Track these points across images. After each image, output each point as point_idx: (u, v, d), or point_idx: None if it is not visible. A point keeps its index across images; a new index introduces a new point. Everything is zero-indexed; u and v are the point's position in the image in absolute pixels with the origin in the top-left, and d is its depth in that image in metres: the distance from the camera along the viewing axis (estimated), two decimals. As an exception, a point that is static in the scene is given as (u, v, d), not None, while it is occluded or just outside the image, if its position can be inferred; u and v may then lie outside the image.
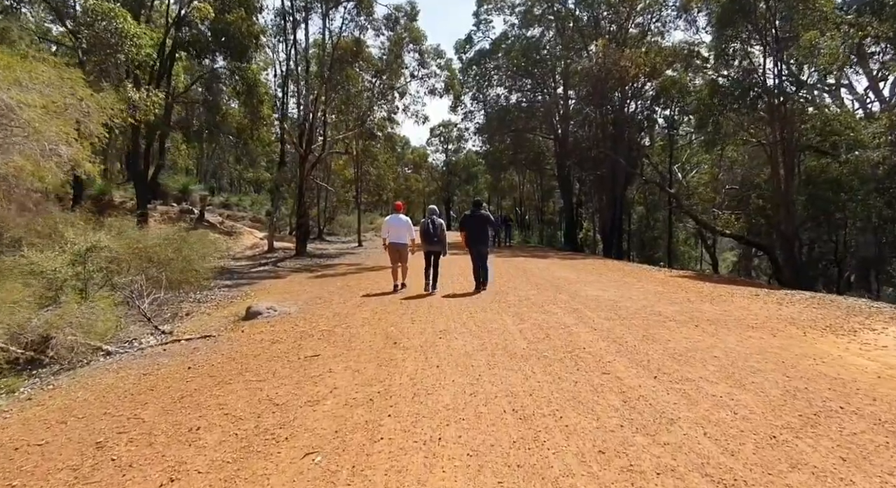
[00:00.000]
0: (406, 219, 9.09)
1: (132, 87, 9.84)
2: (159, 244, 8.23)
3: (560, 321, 5.84)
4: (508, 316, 6.26)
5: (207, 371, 4.38)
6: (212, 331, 6.62)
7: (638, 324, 5.59)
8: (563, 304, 6.97)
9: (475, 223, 8.46)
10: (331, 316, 6.90)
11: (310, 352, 4.88)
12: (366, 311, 7.10)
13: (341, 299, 8.41)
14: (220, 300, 9.83)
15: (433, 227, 8.53)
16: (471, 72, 29.63)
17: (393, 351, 4.82)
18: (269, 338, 5.67)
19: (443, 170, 65.10)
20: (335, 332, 5.77)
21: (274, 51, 18.81)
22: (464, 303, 7.39)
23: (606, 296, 7.67)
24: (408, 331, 5.64)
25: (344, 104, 17.48)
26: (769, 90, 12.03)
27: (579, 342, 4.83)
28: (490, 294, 8.15)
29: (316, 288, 10.25)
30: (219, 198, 40.86)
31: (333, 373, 4.17)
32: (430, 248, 8.57)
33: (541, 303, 7.16)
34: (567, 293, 8.04)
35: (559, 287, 8.78)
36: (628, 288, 8.61)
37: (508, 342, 4.92)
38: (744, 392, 3.39)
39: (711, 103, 12.90)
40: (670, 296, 7.65)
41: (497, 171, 33.23)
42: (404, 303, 7.65)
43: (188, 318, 8.07)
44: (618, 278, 10.14)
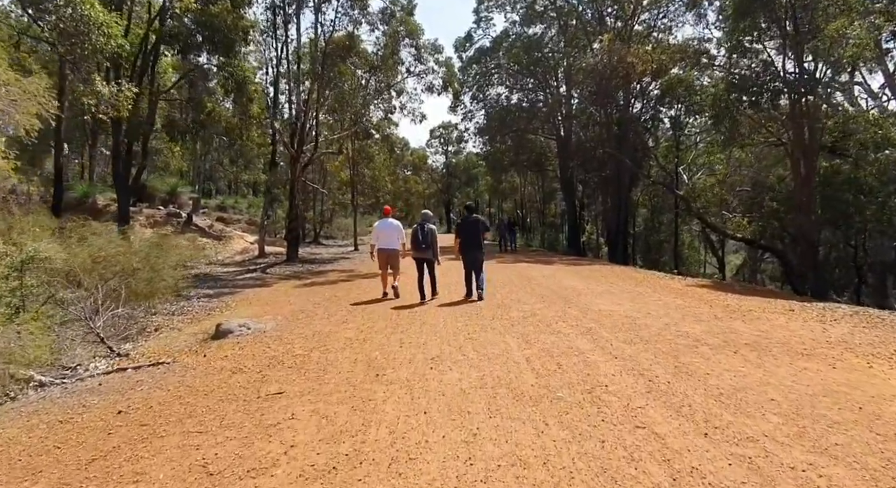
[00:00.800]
0: (396, 224, 8.68)
1: (101, 80, 9.03)
2: (123, 253, 7.38)
3: (573, 345, 5.00)
4: (512, 337, 5.41)
5: (141, 416, 3.54)
6: (173, 353, 5.79)
7: (665, 349, 4.75)
8: (575, 322, 6.13)
9: (468, 229, 8.08)
10: (310, 335, 6.06)
11: (273, 388, 4.04)
12: (350, 329, 6.27)
13: (326, 313, 7.58)
14: (198, 312, 9.01)
15: (422, 234, 8.03)
16: (471, 71, 28.86)
17: (373, 386, 3.99)
18: (232, 365, 4.83)
19: (443, 172, 64.32)
20: (310, 358, 4.94)
21: (266, 48, 18.01)
22: (461, 319, 6.56)
23: (622, 311, 6.83)
24: (394, 358, 4.80)
25: (338, 103, 16.68)
26: (791, 84, 11.19)
27: (599, 376, 3.98)
28: (491, 307, 7.32)
29: (301, 298, 9.42)
30: (214, 201, 40.15)
31: (296, 421, 3.33)
32: (419, 256, 8.12)
33: (549, 320, 6.31)
34: (577, 307, 7.19)
35: (568, 299, 7.94)
36: (644, 300, 7.76)
37: (513, 375, 4.08)
38: (830, 460, 2.55)
39: (728, 99, 12.07)
40: (694, 310, 6.80)
41: (498, 173, 32.44)
42: (395, 318, 6.82)
43: (155, 335, 7.24)
44: (630, 288, 9.30)
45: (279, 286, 11.64)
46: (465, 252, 8.08)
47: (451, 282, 9.60)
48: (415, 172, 63.72)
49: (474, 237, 8.02)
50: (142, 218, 17.58)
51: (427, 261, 8.12)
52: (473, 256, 8.03)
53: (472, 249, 8.02)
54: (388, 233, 8.58)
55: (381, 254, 8.58)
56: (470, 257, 8.05)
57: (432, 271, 8.24)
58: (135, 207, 18.02)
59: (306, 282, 12.17)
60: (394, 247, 8.58)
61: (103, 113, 10.01)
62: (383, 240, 8.56)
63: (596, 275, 11.89)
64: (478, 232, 8.07)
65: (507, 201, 55.43)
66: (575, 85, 23.16)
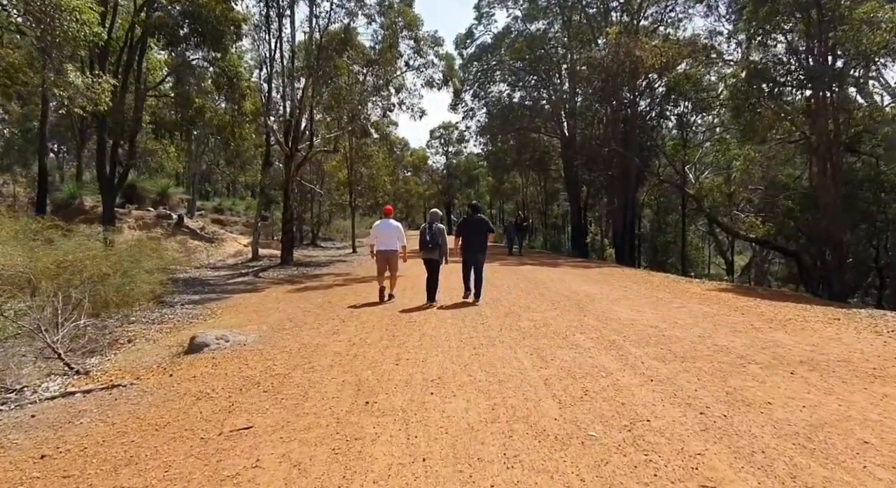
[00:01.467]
0: (396, 224, 8.35)
1: (75, 70, 8.35)
2: (91, 257, 6.68)
3: (597, 363, 4.28)
4: (525, 353, 4.70)
5: (67, 463, 2.83)
6: (138, 370, 5.09)
7: (707, 368, 4.03)
8: (594, 333, 5.41)
9: (472, 229, 7.74)
10: (295, 349, 5.36)
11: (241, 421, 3.33)
12: (341, 342, 5.56)
13: (316, 322, 6.87)
14: (179, 320, 8.31)
15: (430, 233, 7.75)
16: (472, 68, 28.21)
17: (362, 418, 3.28)
18: (199, 388, 4.12)
19: (443, 173, 63.65)
20: (291, 379, 4.23)
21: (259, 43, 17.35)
22: (465, 329, 5.84)
23: (645, 320, 6.11)
24: (389, 378, 4.09)
25: (334, 99, 16.00)
26: (816, 75, 10.47)
27: (637, 406, 3.27)
28: (498, 315, 6.60)
29: (292, 305, 8.72)
30: (211, 203, 39.49)
31: (260, 471, 2.62)
32: (426, 256, 7.84)
33: (564, 330, 5.60)
34: (594, 315, 6.47)
35: (582, 306, 7.22)
36: (666, 307, 7.05)
37: (531, 404, 3.37)
38: None
39: (748, 90, 11.32)
40: (725, 319, 6.08)
41: (500, 173, 31.73)
42: (392, 328, 6.11)
43: (126, 348, 6.53)
44: (647, 293, 8.58)
45: (270, 291, 10.94)
46: (466, 253, 7.77)
47: (453, 287, 8.89)
48: (415, 173, 63.12)
49: (478, 238, 7.68)
50: (130, 220, 16.89)
51: (434, 261, 7.80)
52: (474, 257, 7.71)
53: (474, 251, 7.69)
54: (388, 233, 8.23)
55: (379, 255, 8.24)
56: (471, 258, 7.75)
57: (437, 273, 7.88)
58: (123, 209, 17.35)
59: (299, 286, 11.47)
60: (393, 248, 8.22)
61: (80, 107, 9.32)
62: (382, 241, 8.20)
63: (607, 278, 11.17)
64: (482, 232, 7.73)
65: (509, 202, 54.78)
66: (579, 81, 22.47)
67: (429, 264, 7.85)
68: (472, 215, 7.92)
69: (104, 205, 13.51)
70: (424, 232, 7.77)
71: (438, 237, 7.74)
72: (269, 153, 17.41)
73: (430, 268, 7.85)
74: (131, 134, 14.07)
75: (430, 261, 7.81)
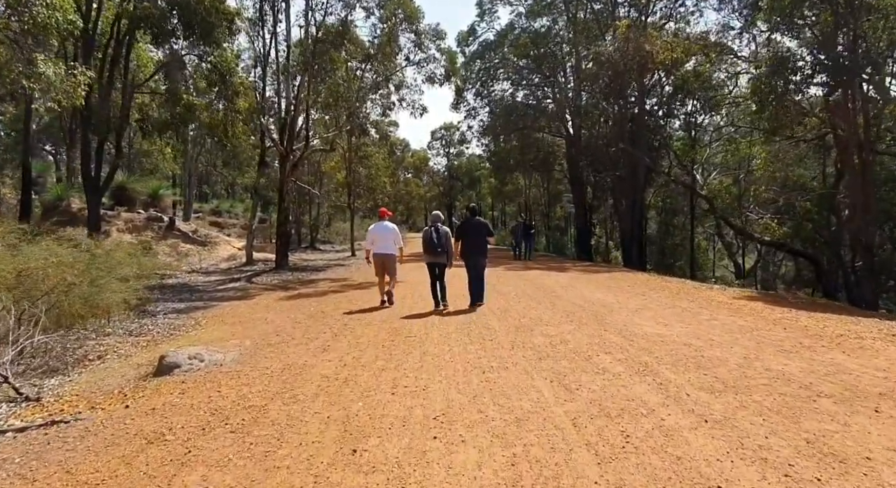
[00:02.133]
0: (392, 227, 8.11)
1: (45, 59, 7.68)
2: (53, 265, 6.00)
3: (633, 394, 3.58)
4: (544, 379, 4.00)
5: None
6: (96, 398, 4.41)
7: (769, 404, 3.33)
8: (621, 353, 4.71)
9: (471, 232, 7.53)
10: (277, 371, 4.67)
11: (193, 480, 2.63)
12: (331, 362, 4.87)
13: (305, 336, 6.19)
14: (160, 332, 7.65)
15: (437, 236, 7.47)
16: (474, 66, 27.55)
17: (346, 476, 2.58)
18: (155, 426, 3.42)
19: (444, 174, 63.01)
20: (266, 414, 3.53)
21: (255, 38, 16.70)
22: (472, 346, 5.14)
23: (674, 335, 5.40)
24: (382, 414, 3.39)
25: (331, 97, 15.34)
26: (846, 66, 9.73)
27: (698, 463, 2.56)
28: (508, 329, 5.90)
29: (282, 315, 8.04)
30: (209, 205, 38.86)
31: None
32: (433, 260, 7.55)
33: (585, 349, 4.90)
34: (616, 329, 5.77)
35: (600, 317, 6.51)
36: (694, 319, 6.34)
37: (561, 457, 2.67)
38: None
39: (772, 84, 10.57)
40: (767, 335, 5.37)
41: (503, 174, 31.01)
42: (389, 345, 5.41)
43: (92, 366, 5.85)
44: (668, 302, 7.87)
45: (261, 298, 10.26)
46: (467, 257, 7.52)
47: (457, 294, 8.19)
48: (416, 175, 62.50)
49: (478, 241, 7.50)
50: (119, 222, 16.24)
51: (441, 265, 7.53)
52: (476, 261, 7.49)
53: (474, 254, 7.47)
54: (385, 236, 7.98)
55: (376, 258, 8.00)
56: (472, 262, 7.50)
57: (443, 278, 7.61)
58: (112, 211, 16.70)
59: (292, 293, 10.79)
60: (390, 251, 7.97)
61: (55, 101, 8.66)
62: (379, 245, 7.97)
63: (620, 284, 10.46)
64: (482, 235, 7.57)
65: (511, 204, 54.09)
66: (586, 78, 21.76)
67: (435, 268, 7.56)
68: (470, 218, 7.72)
69: (89, 207, 12.85)
70: (431, 235, 7.44)
71: (446, 240, 7.48)
72: (265, 153, 16.75)
73: (437, 272, 7.56)
74: (118, 132, 13.40)
75: (438, 266, 7.54)
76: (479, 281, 7.61)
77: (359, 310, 8.02)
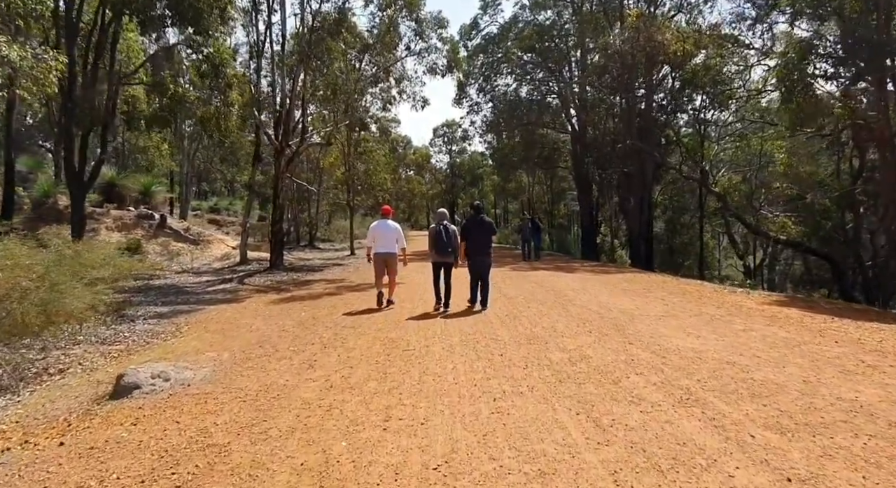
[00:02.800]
0: (395, 226, 7.83)
1: (7, 41, 7.00)
2: (11, 267, 5.32)
3: (682, 434, 2.88)
4: (568, 410, 3.31)
5: None
6: (34, 428, 3.74)
7: (858, 450, 2.63)
8: (655, 374, 4.01)
9: (476, 231, 7.26)
10: (252, 394, 3.99)
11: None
12: (315, 382, 4.20)
13: (291, 348, 5.51)
14: (135, 340, 7.00)
15: (447, 235, 7.22)
16: (477, 61, 26.82)
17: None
18: (80, 479, 2.74)
19: (447, 172, 62.28)
20: (228, 457, 2.85)
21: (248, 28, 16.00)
22: (479, 364, 4.45)
23: (711, 350, 4.70)
24: (370, 461, 2.71)
25: (329, 90, 14.65)
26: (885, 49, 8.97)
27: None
28: (520, 342, 5.21)
29: (270, 321, 7.37)
30: (208, 203, 38.21)
31: None
32: (442, 260, 7.27)
33: (611, 368, 4.20)
34: (642, 343, 5.07)
35: (622, 327, 5.82)
36: (728, 329, 5.64)
37: (606, 538, 1.98)
38: None
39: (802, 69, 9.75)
40: (818, 350, 4.67)
41: (506, 171, 30.25)
42: (384, 360, 4.73)
43: (49, 382, 5.19)
44: (693, 308, 7.16)
45: (251, 302, 9.59)
46: (471, 257, 7.25)
47: (455, 295, 7.50)
48: (418, 172, 61.81)
49: (483, 240, 7.26)
50: (108, 220, 15.58)
51: (449, 265, 7.29)
52: (480, 261, 7.22)
53: (479, 254, 7.21)
54: (387, 235, 7.72)
55: (377, 258, 7.73)
56: (476, 262, 7.23)
57: (449, 278, 7.34)
58: (101, 208, 16.05)
59: (285, 296, 10.11)
60: (392, 250, 7.73)
61: (25, 89, 7.99)
62: (381, 243, 7.71)
63: (635, 287, 9.75)
64: (486, 234, 7.33)
65: (515, 202, 53.35)
66: (592, 72, 21.01)
67: (442, 268, 7.31)
68: (474, 216, 7.46)
69: (73, 203, 12.20)
70: (441, 233, 7.19)
71: (454, 239, 7.26)
72: (260, 148, 16.08)
73: (444, 272, 7.31)
74: (104, 125, 12.73)
75: (445, 265, 7.29)
76: (484, 283, 7.30)
77: (354, 314, 7.35)
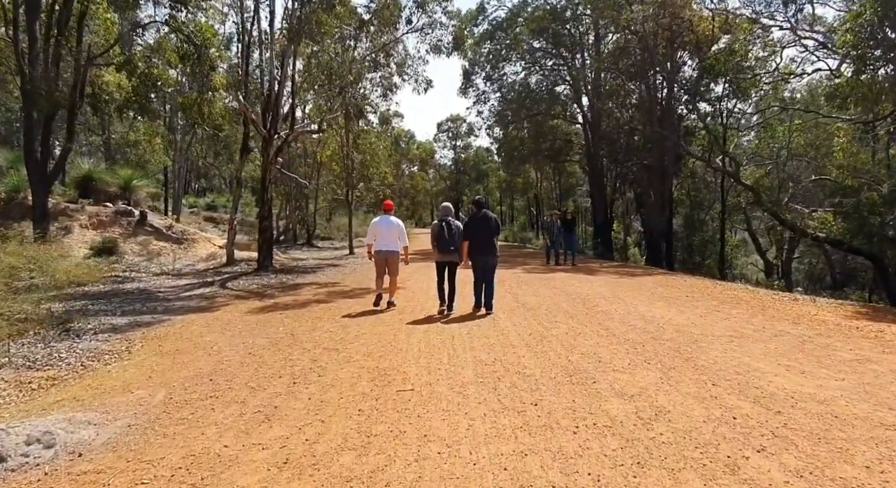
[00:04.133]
0: (397, 222, 7.39)
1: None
2: None
3: None
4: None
5: None
6: None
7: None
8: (786, 450, 2.59)
9: (479, 228, 6.67)
10: (166, 475, 2.63)
11: None
12: (266, 452, 2.83)
13: (252, 382, 4.15)
14: (73, 362, 5.71)
15: (449, 232, 6.69)
16: (483, 48, 25.35)
17: None
18: None
19: (451, 168, 60.81)
20: None
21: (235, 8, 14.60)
22: (504, 417, 3.05)
23: (842, 402, 3.28)
24: None
25: (323, 72, 13.24)
26: None
27: None
28: (558, 379, 3.81)
29: (238, 339, 6.00)
30: (205, 200, 36.93)
31: None
32: (445, 258, 6.81)
33: (711, 437, 2.78)
34: (732, 384, 3.64)
35: (690, 356, 4.39)
36: (837, 359, 4.21)
37: None
38: None
39: (884, 32, 8.20)
40: None
41: (515, 165, 28.73)
42: (370, 409, 3.33)
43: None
44: (767, 325, 5.72)
45: (227, 311, 8.22)
46: (474, 256, 6.69)
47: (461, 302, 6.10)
48: (422, 168, 60.37)
49: (486, 238, 6.67)
50: (83, 217, 14.25)
51: (453, 264, 6.81)
52: (484, 261, 6.65)
53: (482, 253, 6.63)
54: (388, 231, 7.23)
55: (378, 256, 7.26)
56: (480, 262, 6.67)
57: (454, 278, 6.84)
58: (76, 204, 14.73)
59: (267, 303, 8.74)
60: (393, 248, 7.26)
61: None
62: (382, 241, 7.21)
63: (676, 293, 8.32)
64: (490, 231, 6.70)
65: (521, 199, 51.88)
66: (609, 55, 19.49)
67: (446, 267, 6.81)
68: (476, 213, 6.81)
69: (34, 198, 10.90)
70: (442, 230, 6.65)
71: (458, 236, 6.70)
72: (248, 137, 14.70)
73: (448, 271, 6.81)
74: (70, 109, 11.38)
75: (450, 264, 6.80)
76: (489, 285, 6.69)
77: (341, 328, 5.98)
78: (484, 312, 6.60)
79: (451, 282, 6.79)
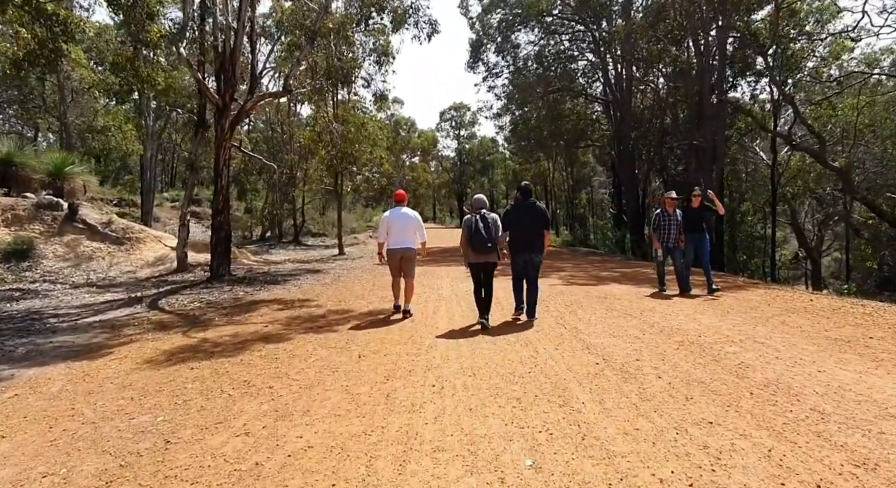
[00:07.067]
0: (413, 215, 6.22)
1: None
2: None
3: None
4: None
5: None
6: None
7: None
8: None
9: (524, 219, 5.50)
10: None
11: None
12: None
13: None
14: None
15: (486, 227, 5.29)
16: (493, 17, 22.16)
17: None
18: None
19: (454, 160, 57.57)
20: None
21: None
22: None
23: None
24: None
25: (291, 23, 10.14)
26: None
27: None
28: None
29: (73, 442, 2.88)
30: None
31: None
32: (481, 259, 5.42)
33: None
34: None
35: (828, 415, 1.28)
36: None
37: None
38: None
39: None
40: None
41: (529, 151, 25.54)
42: None
43: None
44: None
45: (120, 356, 5.18)
46: (515, 252, 5.61)
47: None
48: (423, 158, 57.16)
49: (533, 231, 5.48)
50: (-7, 211, 11.19)
51: (491, 266, 5.51)
52: (527, 258, 5.55)
53: (526, 249, 5.52)
54: (404, 226, 6.05)
55: (392, 255, 6.04)
56: (522, 259, 5.58)
57: (491, 282, 5.56)
58: (-15, 194, 11.65)
59: (191, 341, 5.66)
60: (410, 245, 6.07)
61: None
62: (396, 237, 6.01)
63: (844, 331, 5.22)
64: (539, 224, 5.50)
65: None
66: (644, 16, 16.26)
67: (483, 269, 5.50)
68: (523, 201, 5.63)
69: None
70: (477, 224, 5.29)
71: (495, 232, 5.36)
72: (205, 108, 11.59)
73: (484, 274, 5.53)
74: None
75: (486, 266, 5.49)
76: (533, 285, 5.61)
77: (280, 419, 2.87)
78: (525, 318, 5.60)
79: (489, 288, 5.58)
